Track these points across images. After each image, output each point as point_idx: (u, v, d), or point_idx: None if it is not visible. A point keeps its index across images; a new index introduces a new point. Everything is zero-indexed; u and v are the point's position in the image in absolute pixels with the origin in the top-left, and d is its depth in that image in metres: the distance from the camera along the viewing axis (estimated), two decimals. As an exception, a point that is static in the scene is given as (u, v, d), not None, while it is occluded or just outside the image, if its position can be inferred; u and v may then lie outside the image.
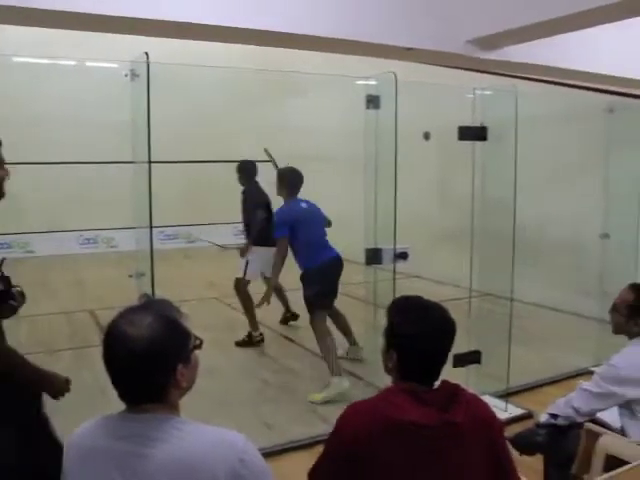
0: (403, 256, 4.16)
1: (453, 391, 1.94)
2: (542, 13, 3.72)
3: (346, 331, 5.70)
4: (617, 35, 4.71)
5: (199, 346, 1.74)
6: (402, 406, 1.86)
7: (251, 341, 6.40)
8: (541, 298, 7.43)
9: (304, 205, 5.52)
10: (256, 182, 6.53)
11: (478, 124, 4.68)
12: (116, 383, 1.65)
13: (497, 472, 1.94)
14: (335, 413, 2.00)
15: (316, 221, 5.54)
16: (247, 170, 6.54)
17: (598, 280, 5.67)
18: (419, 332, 1.96)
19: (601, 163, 5.76)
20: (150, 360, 1.60)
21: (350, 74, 4.34)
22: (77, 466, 1.65)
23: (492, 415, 2.01)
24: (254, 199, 6.40)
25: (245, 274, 6.32)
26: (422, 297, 2.11)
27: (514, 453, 3.08)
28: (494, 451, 1.94)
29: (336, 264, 5.36)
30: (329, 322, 5.34)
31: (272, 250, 5.53)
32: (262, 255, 6.10)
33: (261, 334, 6.46)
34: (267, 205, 6.39)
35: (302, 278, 5.32)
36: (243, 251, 6.33)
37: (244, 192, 6.50)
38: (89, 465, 1.62)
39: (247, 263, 6.28)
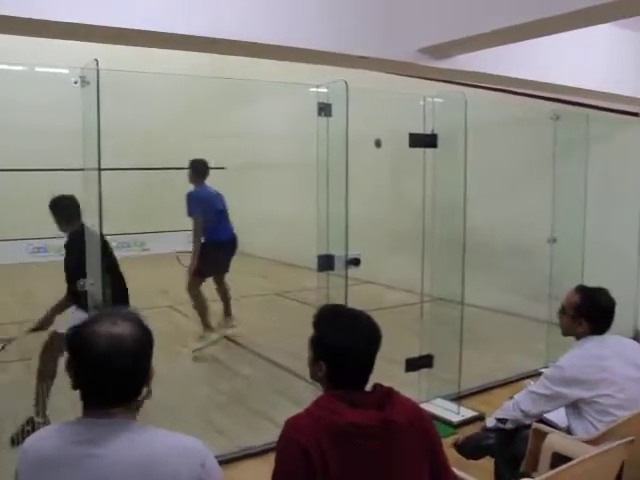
0: (355, 262, 4.19)
1: (386, 392, 2.00)
2: (492, 23, 3.78)
3: (226, 303, 6.71)
4: (564, 45, 4.84)
5: None
6: (341, 411, 1.89)
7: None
8: (492, 302, 7.56)
9: (211, 190, 6.48)
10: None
11: (429, 131, 4.76)
12: (93, 385, 1.65)
13: (433, 467, 1.99)
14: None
15: (219, 204, 6.49)
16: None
17: (547, 283, 5.80)
18: (349, 343, 2.01)
19: (549, 169, 5.91)
20: (137, 357, 1.66)
21: (307, 81, 4.36)
22: (33, 472, 1.63)
23: (424, 413, 2.07)
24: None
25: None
26: (345, 306, 2.15)
27: (461, 458, 3.15)
28: (430, 446, 2.00)
29: (231, 243, 6.51)
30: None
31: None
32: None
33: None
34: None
35: (202, 247, 6.27)
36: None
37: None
38: (46, 472, 1.60)
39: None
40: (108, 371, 1.63)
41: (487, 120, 6.58)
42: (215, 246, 6.37)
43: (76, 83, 3.38)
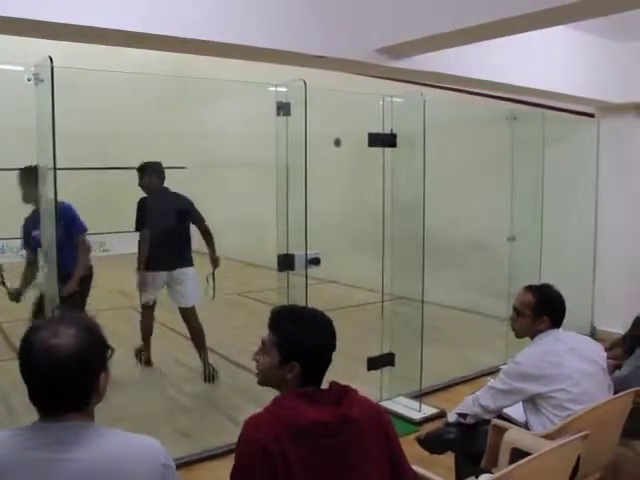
0: (315, 262, 4.20)
1: (342, 389, 2.01)
2: (449, 24, 3.82)
3: None
4: (521, 46, 4.92)
5: (111, 355, 1.75)
6: (300, 409, 1.90)
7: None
8: (452, 300, 7.63)
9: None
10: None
11: (388, 131, 4.79)
12: (39, 394, 1.63)
13: (392, 462, 2.01)
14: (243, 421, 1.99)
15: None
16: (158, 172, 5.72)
17: (506, 281, 5.88)
18: (324, 340, 2.03)
19: (507, 168, 5.99)
20: (78, 368, 1.61)
21: (268, 80, 4.34)
22: None
23: (381, 410, 2.10)
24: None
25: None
26: (298, 305, 2.16)
27: (424, 453, 3.18)
28: (388, 442, 2.02)
29: None
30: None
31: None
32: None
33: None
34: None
35: None
36: None
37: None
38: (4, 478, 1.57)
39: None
40: (46, 382, 1.61)
41: (446, 120, 6.63)
42: None
43: (29, 81, 3.32)
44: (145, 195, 5.56)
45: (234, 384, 5.42)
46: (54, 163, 3.17)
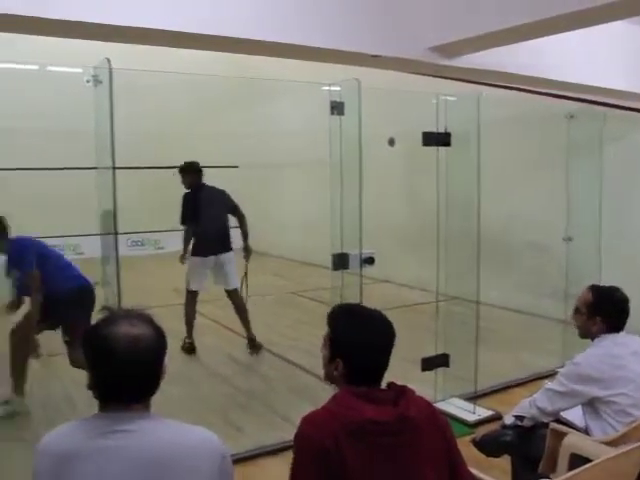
0: (369, 261, 4.18)
1: (400, 389, 2.00)
2: (504, 21, 3.76)
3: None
4: (577, 43, 4.80)
5: None
6: (358, 407, 1.89)
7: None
8: (507, 301, 7.52)
9: None
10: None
11: (442, 130, 4.74)
12: (113, 385, 1.68)
13: (450, 464, 1.98)
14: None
15: None
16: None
17: (563, 282, 5.76)
18: (365, 339, 2.01)
19: (563, 167, 5.86)
20: (155, 355, 1.70)
21: (322, 80, 4.34)
22: (56, 469, 1.63)
23: (438, 412, 2.07)
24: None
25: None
26: (359, 304, 2.15)
27: (480, 455, 3.13)
28: (446, 444, 1.99)
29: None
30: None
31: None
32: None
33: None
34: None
35: None
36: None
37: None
38: (71, 467, 1.61)
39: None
40: (128, 372, 1.66)
41: (501, 118, 6.54)
42: None
43: (88, 82, 3.39)
44: (187, 191, 6.28)
45: (287, 381, 5.44)
46: (113, 163, 3.24)
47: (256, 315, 6.88)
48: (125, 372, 1.66)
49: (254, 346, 6.21)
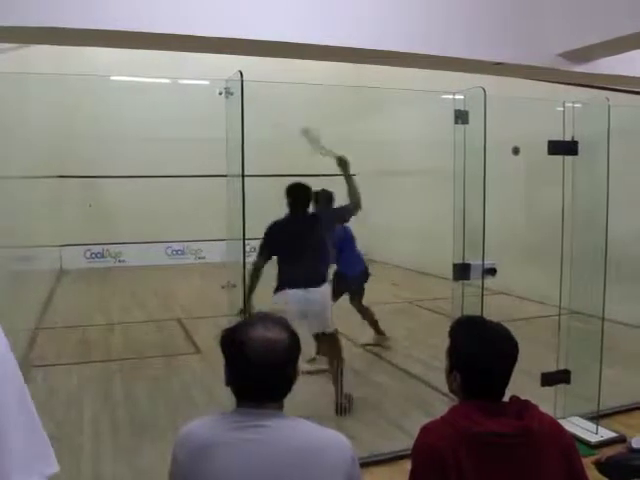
0: (491, 272, 4.10)
1: (523, 403, 1.97)
2: (635, 25, 3.62)
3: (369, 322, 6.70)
4: None
5: None
6: (477, 419, 1.88)
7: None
8: (634, 318, 7.14)
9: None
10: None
11: (569, 138, 4.59)
12: (250, 382, 1.77)
13: None
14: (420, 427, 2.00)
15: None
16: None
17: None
18: (479, 352, 1.98)
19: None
20: (288, 358, 1.77)
21: (439, 88, 4.34)
22: (194, 457, 1.73)
23: (562, 427, 2.02)
24: None
25: None
26: (483, 317, 2.11)
27: (602, 478, 2.99)
28: (568, 461, 1.93)
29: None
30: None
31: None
32: None
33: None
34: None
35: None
36: None
37: None
38: (209, 456, 1.71)
39: None
40: (261, 373, 1.74)
41: (630, 126, 6.25)
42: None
43: (220, 94, 3.54)
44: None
45: (401, 391, 5.43)
46: (242, 170, 3.37)
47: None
48: (258, 373, 1.74)
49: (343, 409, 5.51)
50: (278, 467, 1.66)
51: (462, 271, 4.07)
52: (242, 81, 3.31)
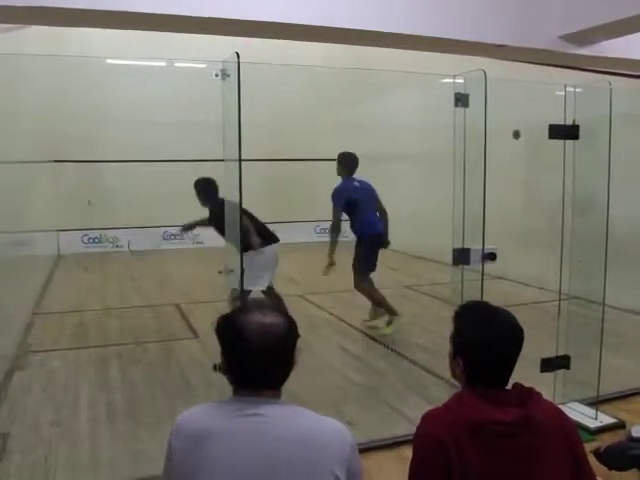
0: (491, 257, 4.06)
1: (526, 391, 1.95)
2: (638, 7, 3.58)
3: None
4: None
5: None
6: (480, 407, 1.87)
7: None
8: (634, 303, 7.13)
9: (356, 184, 6.56)
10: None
11: (570, 122, 4.54)
12: (246, 371, 1.75)
13: (575, 471, 1.91)
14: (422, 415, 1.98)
15: (367, 198, 6.51)
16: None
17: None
18: (483, 337, 1.95)
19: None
20: (285, 343, 1.75)
21: (434, 72, 4.28)
22: (190, 444, 1.70)
23: (565, 415, 2.01)
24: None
25: None
26: (489, 303, 2.09)
27: (602, 468, 2.97)
28: (571, 449, 1.92)
29: (379, 239, 6.52)
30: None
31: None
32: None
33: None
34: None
35: (355, 245, 6.50)
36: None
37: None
38: (205, 444, 1.68)
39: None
40: (258, 359, 1.71)
41: (632, 110, 6.19)
42: (362, 241, 6.54)
43: (217, 76, 3.49)
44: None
45: (400, 376, 5.41)
46: (239, 155, 3.32)
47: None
48: (255, 359, 1.71)
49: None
50: (275, 456, 1.64)
51: (462, 256, 4.03)
52: (239, 62, 3.26)
